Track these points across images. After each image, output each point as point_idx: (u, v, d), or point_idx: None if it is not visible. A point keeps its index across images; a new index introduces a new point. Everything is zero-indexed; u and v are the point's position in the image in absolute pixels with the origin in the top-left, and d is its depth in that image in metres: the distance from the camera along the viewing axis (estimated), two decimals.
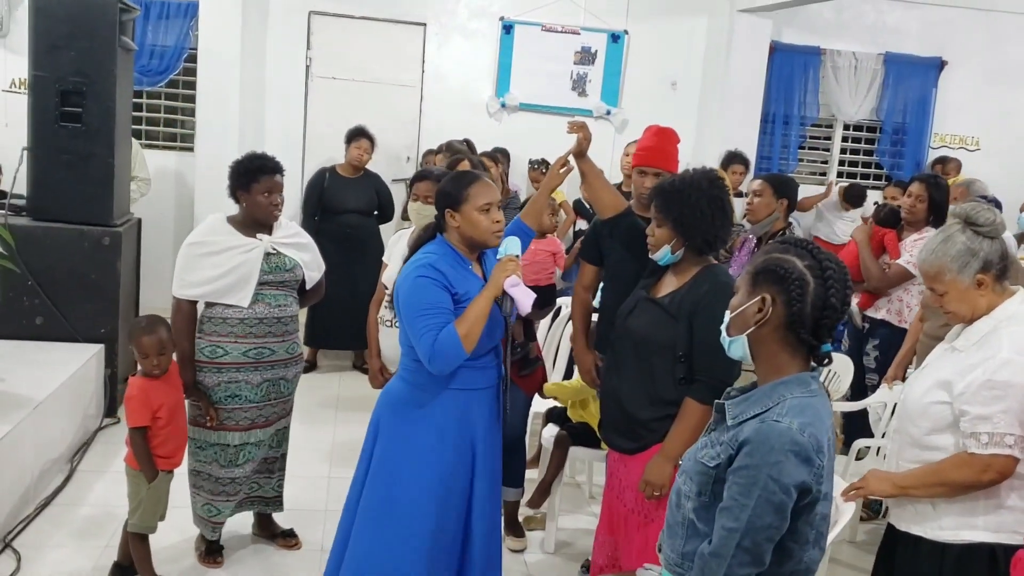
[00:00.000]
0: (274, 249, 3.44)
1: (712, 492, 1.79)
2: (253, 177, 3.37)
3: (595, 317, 3.62)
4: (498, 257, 2.72)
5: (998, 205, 4.68)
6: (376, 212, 6.18)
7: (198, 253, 3.38)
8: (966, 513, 2.31)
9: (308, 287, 3.60)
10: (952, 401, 2.29)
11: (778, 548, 1.74)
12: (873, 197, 7.36)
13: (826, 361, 1.85)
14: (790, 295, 1.78)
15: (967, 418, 2.25)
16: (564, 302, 5.06)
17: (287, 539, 3.74)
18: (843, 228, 7.28)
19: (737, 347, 1.87)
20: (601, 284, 3.56)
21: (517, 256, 2.71)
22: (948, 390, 2.30)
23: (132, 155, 6.00)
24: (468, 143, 5.97)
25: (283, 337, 3.47)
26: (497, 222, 2.73)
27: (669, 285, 2.80)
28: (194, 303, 3.41)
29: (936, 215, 4.38)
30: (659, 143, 3.38)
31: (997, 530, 2.29)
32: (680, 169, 3.09)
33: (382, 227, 6.20)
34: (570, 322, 4.36)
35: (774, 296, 1.80)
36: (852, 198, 7.36)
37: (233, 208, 3.49)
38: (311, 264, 3.58)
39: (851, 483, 2.57)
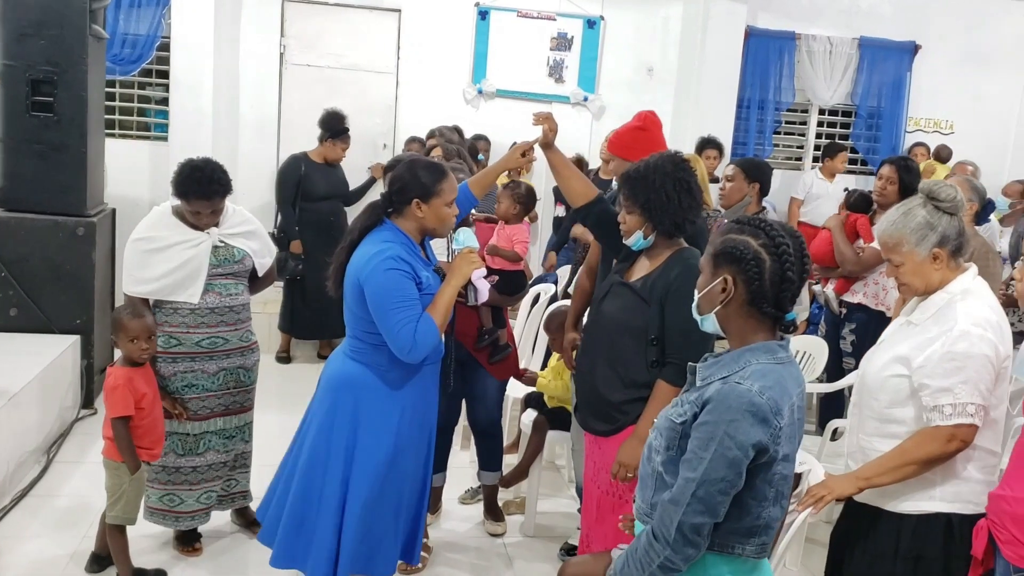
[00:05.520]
0: (222, 242, 3.42)
1: (679, 447, 1.91)
2: (183, 195, 3.31)
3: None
4: (455, 248, 2.83)
5: (991, 204, 4.71)
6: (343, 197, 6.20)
7: (146, 249, 3.34)
8: (924, 485, 2.36)
9: (260, 274, 3.59)
10: (910, 374, 2.34)
11: (737, 504, 1.86)
12: (847, 182, 7.38)
13: (791, 328, 1.97)
14: (748, 275, 1.90)
15: (928, 391, 2.30)
16: (542, 289, 5.07)
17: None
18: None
19: (708, 323, 2.01)
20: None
21: (475, 248, 2.89)
22: (906, 363, 2.35)
23: None
24: (458, 130, 5.96)
25: (235, 326, 3.46)
26: (455, 214, 2.90)
27: (642, 269, 2.83)
28: (146, 298, 3.38)
29: (906, 197, 4.42)
30: (625, 131, 3.47)
31: (953, 500, 2.36)
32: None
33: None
34: (547, 309, 4.42)
35: (734, 276, 1.92)
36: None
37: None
38: (260, 251, 3.56)
39: (808, 491, 2.48)
